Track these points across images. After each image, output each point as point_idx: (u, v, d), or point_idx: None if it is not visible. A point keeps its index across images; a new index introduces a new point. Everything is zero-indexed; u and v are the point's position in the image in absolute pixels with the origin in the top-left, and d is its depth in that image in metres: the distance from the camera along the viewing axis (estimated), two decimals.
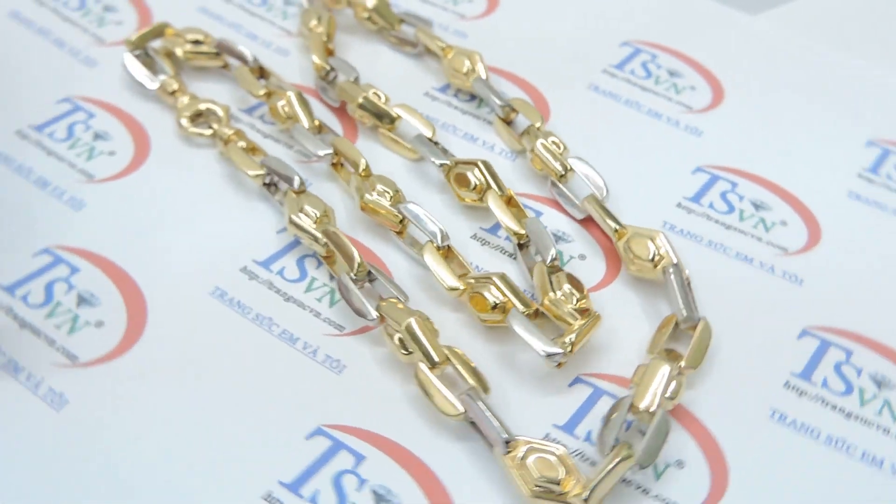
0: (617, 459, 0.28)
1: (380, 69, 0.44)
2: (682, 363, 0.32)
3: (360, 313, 0.33)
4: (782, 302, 0.36)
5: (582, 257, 0.37)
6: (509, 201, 0.37)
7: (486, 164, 0.38)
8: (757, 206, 0.39)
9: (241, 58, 0.42)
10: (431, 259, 0.35)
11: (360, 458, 0.30)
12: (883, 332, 0.34)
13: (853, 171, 0.41)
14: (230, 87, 0.43)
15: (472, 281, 0.34)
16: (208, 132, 0.40)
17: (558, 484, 0.28)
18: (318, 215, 0.35)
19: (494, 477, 0.29)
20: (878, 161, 0.42)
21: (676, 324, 0.34)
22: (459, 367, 0.31)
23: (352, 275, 0.34)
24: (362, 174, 0.37)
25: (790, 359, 0.34)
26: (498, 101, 0.41)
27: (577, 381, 0.33)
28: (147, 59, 0.43)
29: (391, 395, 0.32)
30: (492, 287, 0.33)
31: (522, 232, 0.36)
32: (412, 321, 0.31)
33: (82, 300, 0.34)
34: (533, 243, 0.36)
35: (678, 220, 0.39)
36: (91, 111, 0.42)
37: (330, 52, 0.44)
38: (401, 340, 0.32)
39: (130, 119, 0.41)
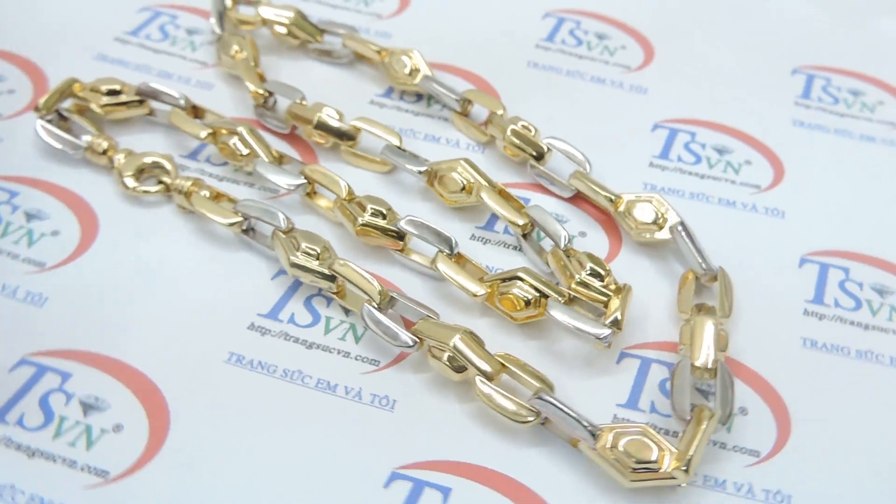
0: (705, 422, 0.29)
1: (314, 85, 0.42)
2: (717, 315, 0.33)
3: (396, 342, 0.31)
4: (774, 236, 0.37)
5: (582, 234, 0.37)
6: (501, 193, 0.36)
7: (468, 161, 0.37)
8: (720, 152, 0.41)
9: (169, 101, 0.39)
10: (448, 269, 0.33)
11: (446, 491, 0.29)
12: (868, 245, 0.37)
13: (790, 101, 0.44)
14: (162, 134, 0.40)
15: (496, 282, 0.33)
16: (158, 188, 0.36)
17: (655, 462, 0.28)
18: (319, 251, 0.33)
19: (583, 472, 0.29)
20: (807, 87, 0.44)
21: (696, 278, 0.35)
22: (518, 372, 0.30)
23: (374, 304, 0.32)
24: (347, 198, 0.35)
25: (800, 287, 0.35)
26: (453, 96, 0.40)
27: (622, 356, 0.33)
28: (62, 123, 0.38)
29: (452, 419, 0.31)
30: (520, 284, 0.32)
31: (524, 222, 0.35)
32: (458, 338, 0.30)
33: (88, 407, 0.30)
34: (540, 230, 0.35)
35: (656, 178, 0.39)
36: (12, 189, 0.37)
37: (261, 77, 0.41)
38: (450, 359, 0.30)
39: (62, 191, 0.37)
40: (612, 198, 0.36)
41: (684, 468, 0.28)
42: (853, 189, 0.39)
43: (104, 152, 0.37)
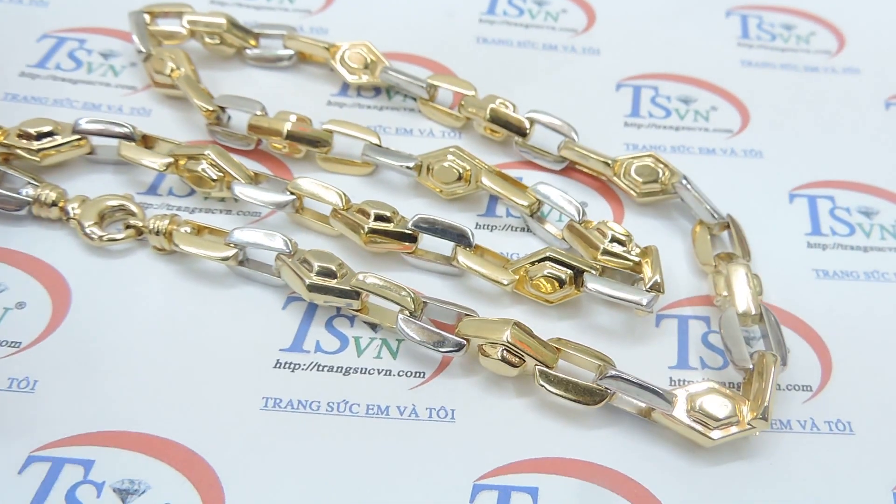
0: (772, 367, 0.29)
1: (262, 94, 0.38)
2: (740, 260, 0.33)
3: (443, 347, 0.29)
4: (759, 177, 0.38)
5: (584, 205, 0.36)
6: (500, 176, 0.35)
7: (458, 149, 0.35)
8: (685, 101, 0.41)
9: (115, 134, 0.34)
10: (470, 262, 0.32)
11: (533, 491, 0.27)
12: (844, 171, 0.38)
13: (733, 42, 0.45)
14: (109, 173, 0.35)
15: (524, 267, 0.32)
16: (127, 233, 0.32)
17: (734, 416, 0.28)
18: (335, 268, 0.31)
19: (659, 442, 0.29)
20: (744, 27, 0.46)
21: (708, 229, 0.35)
22: (575, 354, 0.29)
23: (406, 313, 0.30)
24: (345, 207, 0.33)
25: (796, 222, 0.36)
26: (419, 83, 0.38)
27: (660, 319, 0.32)
28: None
29: (517, 417, 0.29)
30: (551, 264, 0.31)
31: (530, 202, 0.34)
32: (509, 333, 0.29)
33: (126, 493, 0.26)
34: (550, 207, 0.34)
35: (634, 138, 0.39)
36: None
37: (207, 94, 0.37)
38: (504, 354, 0.29)
39: (15, 255, 0.32)
40: (609, 162, 0.36)
41: (762, 417, 0.28)
42: (815, 119, 0.41)
43: (54, 203, 0.33)
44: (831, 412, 0.30)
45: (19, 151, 0.34)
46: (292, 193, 0.33)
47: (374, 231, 0.32)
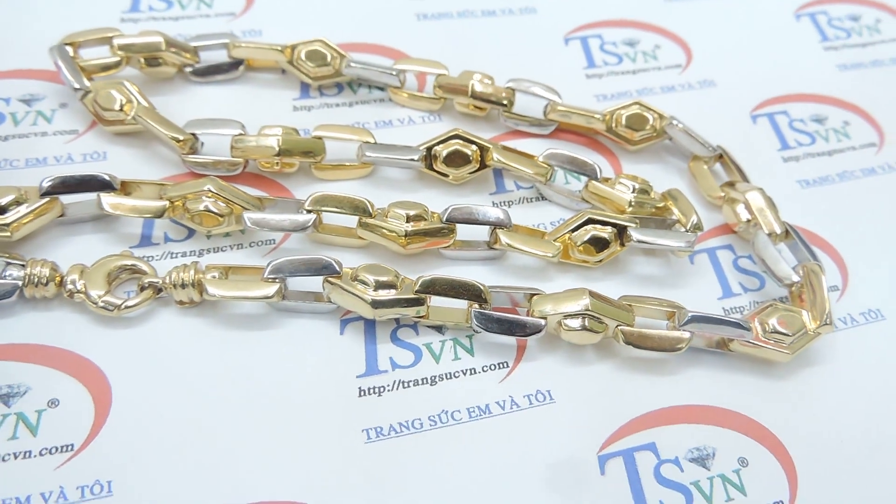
0: (820, 275, 0.31)
1: (220, 110, 0.35)
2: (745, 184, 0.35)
3: (525, 331, 0.29)
4: (718, 104, 0.40)
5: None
6: (509, 150, 0.34)
7: (460, 131, 0.34)
8: (631, 45, 0.43)
9: (91, 189, 0.30)
10: (514, 241, 0.31)
11: (652, 446, 0.28)
12: (788, 84, 0.41)
13: None
14: (90, 232, 0.31)
15: (566, 235, 0.32)
16: (145, 295, 0.29)
17: (803, 327, 0.30)
18: (393, 279, 0.29)
19: (739, 367, 0.30)
20: None
21: (704, 162, 0.36)
22: (647, 306, 0.30)
23: (478, 307, 0.29)
24: (374, 213, 0.31)
25: (765, 140, 0.39)
26: (390, 72, 0.37)
27: (691, 256, 0.34)
28: None
29: (609, 381, 0.30)
30: (592, 228, 0.32)
31: (542, 171, 0.34)
32: (587, 301, 0.29)
33: None
34: (564, 171, 0.34)
35: (599, 88, 0.40)
36: None
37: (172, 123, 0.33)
38: (585, 322, 0.29)
39: (18, 349, 0.28)
40: (599, 116, 0.36)
41: (827, 322, 0.30)
42: (748, 39, 0.43)
43: (49, 281, 0.28)
44: (860, 305, 0.33)
45: None
46: (310, 211, 0.31)
47: (413, 233, 0.31)
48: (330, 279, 0.29)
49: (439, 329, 0.30)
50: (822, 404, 0.30)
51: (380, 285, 0.29)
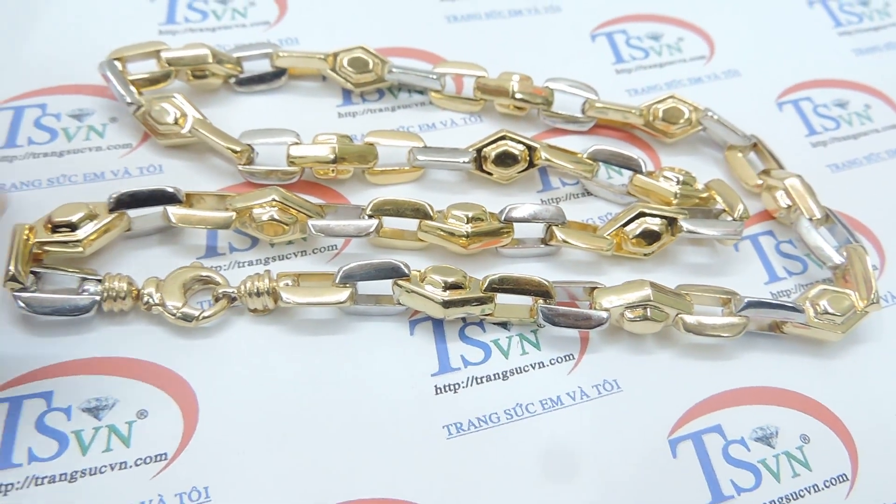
0: (864, 255, 0.32)
1: (267, 120, 0.36)
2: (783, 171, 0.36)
3: (590, 322, 0.30)
4: (747, 92, 0.41)
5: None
6: (558, 149, 0.35)
7: (506, 132, 0.35)
8: (655, 38, 0.44)
9: (159, 202, 0.31)
10: (570, 237, 0.32)
11: (718, 428, 0.29)
12: (812, 71, 0.43)
13: None
14: (156, 246, 0.32)
15: (619, 230, 0.33)
16: (218, 305, 0.30)
17: (852, 306, 0.31)
18: (459, 280, 0.30)
19: (793, 347, 0.32)
20: None
21: (740, 151, 0.38)
22: (704, 294, 0.31)
23: (544, 303, 0.30)
24: (435, 216, 0.32)
25: (793, 127, 0.40)
26: (432, 76, 0.37)
27: (736, 244, 0.35)
28: (39, 285, 0.29)
29: (672, 367, 0.31)
30: (645, 221, 0.33)
31: (589, 167, 0.35)
32: (649, 292, 0.30)
33: None
34: (608, 166, 0.36)
35: (631, 83, 0.41)
36: (42, 390, 0.27)
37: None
38: (647, 312, 0.30)
39: (104, 363, 0.28)
40: (638, 111, 0.37)
41: (874, 300, 0.32)
42: (766, 28, 0.45)
43: (127, 295, 0.29)
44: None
45: (56, 248, 0.30)
46: (371, 216, 0.32)
47: (475, 234, 0.32)
48: (399, 282, 0.30)
49: (504, 325, 0.31)
50: (874, 379, 0.31)
51: (448, 286, 0.30)
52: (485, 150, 0.35)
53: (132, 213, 0.31)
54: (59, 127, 0.35)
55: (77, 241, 0.30)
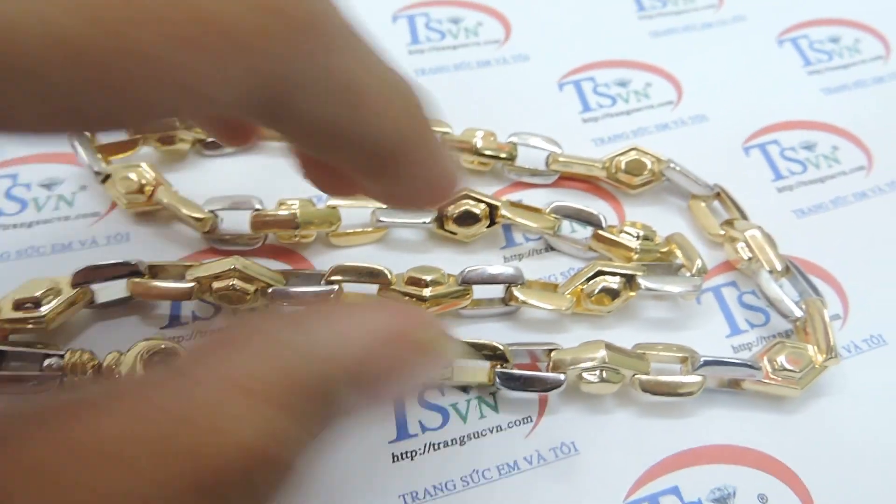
0: (823, 308, 0.33)
1: (239, 183, 0.37)
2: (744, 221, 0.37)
3: (547, 385, 0.30)
4: (712, 139, 0.41)
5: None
6: (518, 206, 0.36)
7: (468, 191, 0.35)
8: (622, 84, 0.44)
9: (120, 274, 0.31)
10: (528, 297, 0.33)
11: (675, 490, 0.29)
12: (778, 113, 0.43)
13: (634, 17, 0.48)
14: (122, 318, 0.33)
15: (578, 288, 0.33)
16: None
17: (810, 361, 0.31)
18: None
19: (752, 403, 0.32)
20: (637, 1, 0.49)
21: (703, 200, 0.38)
22: (661, 353, 0.32)
23: (500, 366, 0.31)
24: (394, 280, 0.32)
25: (759, 171, 0.40)
26: None
27: (700, 294, 0.35)
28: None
29: (627, 427, 0.31)
30: (603, 279, 0.33)
31: (551, 224, 0.35)
32: (605, 353, 0.30)
33: None
34: (571, 222, 0.36)
35: (597, 131, 0.41)
36: None
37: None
38: (603, 374, 0.31)
39: None
40: (600, 164, 0.38)
41: (833, 355, 0.32)
42: (734, 70, 0.45)
43: (89, 369, 0.30)
44: (863, 332, 0.35)
45: (20, 325, 0.30)
46: (331, 282, 0.32)
47: (434, 298, 0.32)
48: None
49: (464, 389, 0.32)
50: (833, 434, 0.31)
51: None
52: (446, 210, 0.35)
53: (96, 285, 0.32)
54: (30, 197, 0.36)
55: (41, 317, 0.30)
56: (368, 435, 0.30)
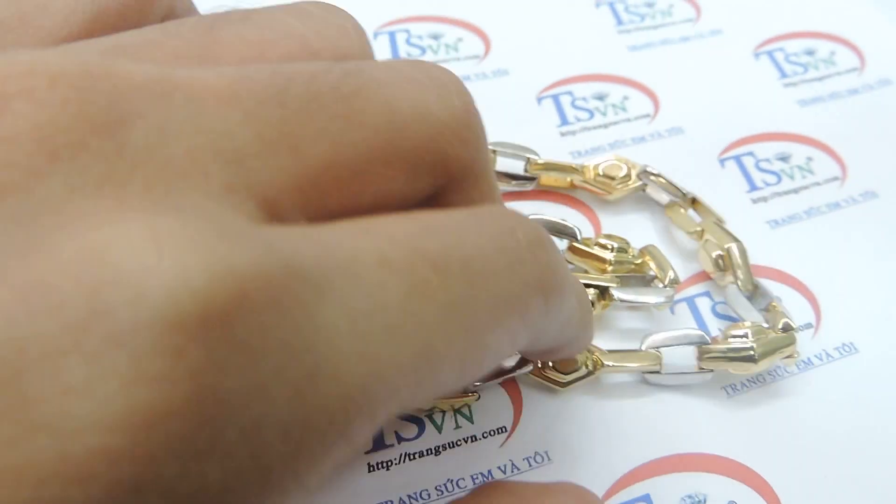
0: (781, 306, 0.33)
1: None
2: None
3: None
4: (689, 151, 0.42)
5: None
6: None
7: None
8: (600, 98, 0.45)
9: None
10: None
11: (647, 497, 0.30)
12: (750, 125, 0.44)
13: (612, 31, 0.49)
14: None
15: None
16: None
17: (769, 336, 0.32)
18: None
19: (733, 414, 0.32)
20: (615, 16, 0.50)
21: (681, 207, 0.38)
22: (621, 364, 0.32)
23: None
24: None
25: (734, 184, 0.41)
26: None
27: (673, 304, 0.36)
28: None
29: (598, 435, 0.32)
30: None
31: None
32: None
33: None
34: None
35: (573, 145, 0.42)
36: None
37: None
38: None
39: None
40: (579, 168, 0.39)
41: (791, 331, 0.32)
42: (711, 82, 0.46)
43: None
44: (834, 340, 0.35)
45: None
46: None
47: None
48: None
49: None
50: (806, 442, 0.32)
51: None
52: None
53: None
54: None
55: None
56: None
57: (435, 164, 0.18)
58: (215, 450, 0.12)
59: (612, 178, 0.38)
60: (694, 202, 0.38)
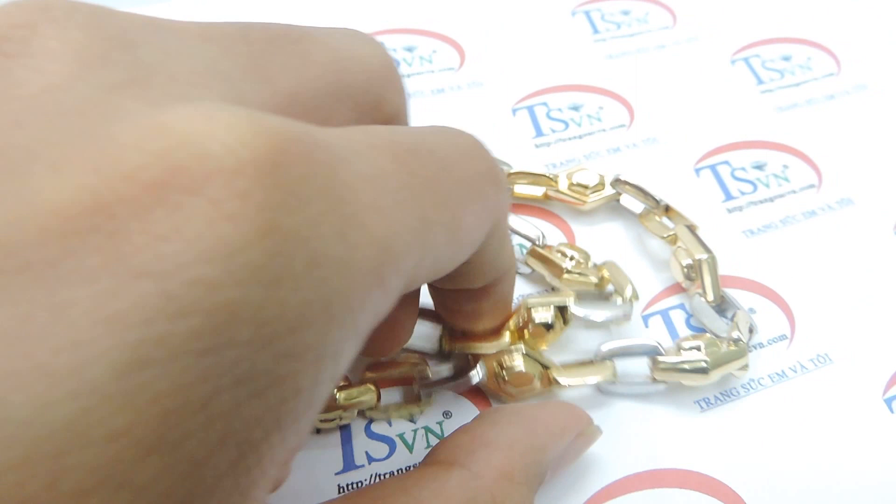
0: (742, 315, 0.33)
1: None
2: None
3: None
4: (664, 161, 0.42)
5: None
6: None
7: None
8: (575, 108, 0.45)
9: None
10: (463, 347, 0.33)
11: None
12: (726, 133, 0.44)
13: (589, 40, 0.48)
14: None
15: (510, 326, 0.33)
16: None
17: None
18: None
19: (704, 428, 0.32)
20: (591, 24, 0.49)
21: (656, 216, 0.38)
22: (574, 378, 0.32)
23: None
24: None
25: (710, 194, 0.41)
26: None
27: (646, 319, 0.36)
28: None
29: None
30: (538, 309, 0.33)
31: None
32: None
33: None
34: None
35: (549, 157, 0.42)
36: None
37: None
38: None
39: None
40: (552, 177, 0.39)
41: (742, 341, 0.32)
42: (687, 91, 0.46)
43: None
44: (808, 351, 0.35)
45: None
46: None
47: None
48: None
49: (411, 419, 0.32)
50: (778, 456, 0.32)
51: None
52: None
53: None
54: None
55: None
56: (315, 466, 0.30)
57: (374, 105, 0.21)
58: (287, 279, 0.14)
59: (586, 187, 0.38)
60: (668, 210, 0.38)
